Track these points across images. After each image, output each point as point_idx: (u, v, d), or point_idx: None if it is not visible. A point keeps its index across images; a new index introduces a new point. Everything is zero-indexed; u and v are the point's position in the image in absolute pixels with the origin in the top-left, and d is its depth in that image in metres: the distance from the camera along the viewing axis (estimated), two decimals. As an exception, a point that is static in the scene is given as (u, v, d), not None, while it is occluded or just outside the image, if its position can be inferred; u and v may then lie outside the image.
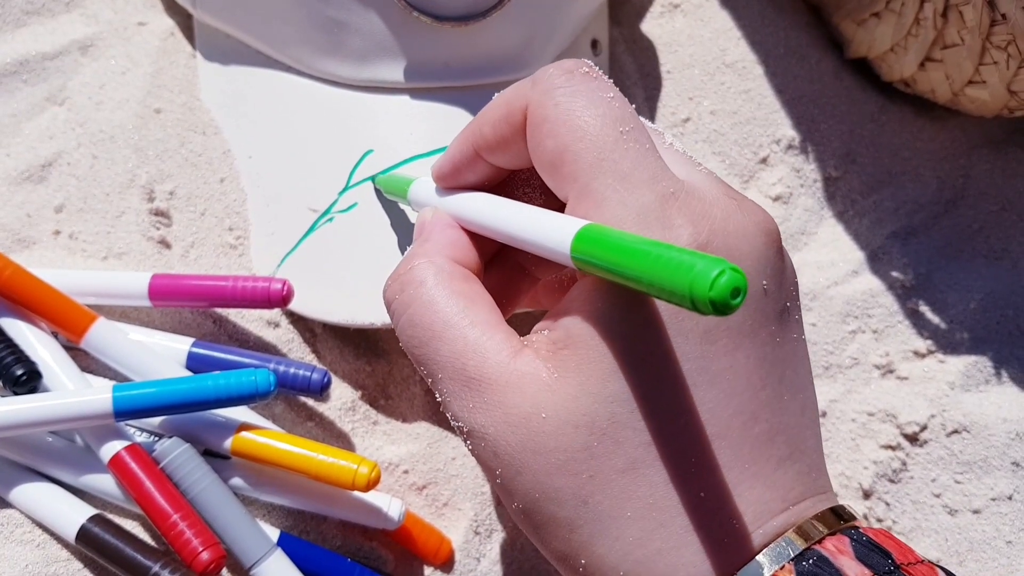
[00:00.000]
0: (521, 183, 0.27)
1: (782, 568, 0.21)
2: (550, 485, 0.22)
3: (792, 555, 0.21)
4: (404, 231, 0.34)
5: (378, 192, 0.34)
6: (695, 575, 0.21)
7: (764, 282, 0.22)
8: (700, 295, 0.16)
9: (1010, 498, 0.38)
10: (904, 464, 0.38)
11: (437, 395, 0.24)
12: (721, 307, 0.16)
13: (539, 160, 0.24)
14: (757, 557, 0.21)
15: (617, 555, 0.21)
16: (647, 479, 0.21)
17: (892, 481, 0.38)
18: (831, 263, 0.41)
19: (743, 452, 0.22)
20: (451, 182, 0.27)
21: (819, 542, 0.21)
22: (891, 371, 0.40)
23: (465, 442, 0.24)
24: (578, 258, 0.21)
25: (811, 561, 0.21)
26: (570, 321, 0.22)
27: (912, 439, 0.38)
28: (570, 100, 0.23)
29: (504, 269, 0.28)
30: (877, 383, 0.39)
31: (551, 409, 0.21)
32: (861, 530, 0.22)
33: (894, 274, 0.41)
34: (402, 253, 0.34)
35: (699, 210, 0.22)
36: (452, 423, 0.24)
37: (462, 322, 0.23)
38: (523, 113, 0.24)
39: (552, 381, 0.22)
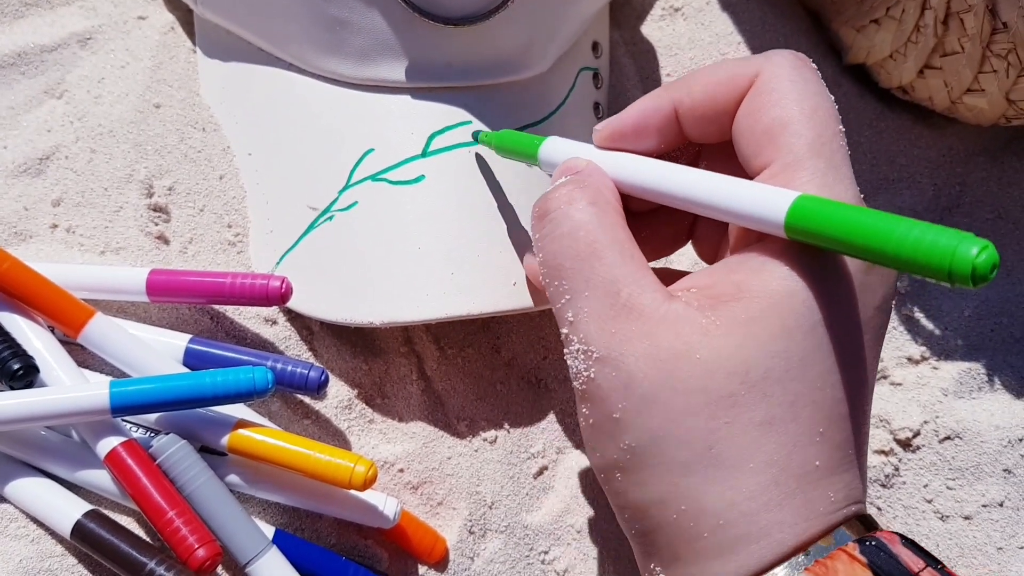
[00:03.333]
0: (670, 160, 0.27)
1: (847, 545, 0.22)
2: (682, 424, 0.22)
3: (856, 537, 0.22)
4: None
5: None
6: (788, 534, 0.22)
7: (895, 300, 0.24)
8: (961, 268, 0.18)
9: (1001, 504, 0.38)
10: (897, 469, 0.38)
11: (568, 314, 0.24)
12: (980, 279, 0.18)
13: (752, 126, 0.24)
14: (837, 532, 0.22)
15: (724, 503, 0.22)
16: (779, 437, 0.22)
17: (884, 486, 0.38)
18: (827, 268, 0.41)
19: (857, 435, 0.23)
20: (621, 142, 0.27)
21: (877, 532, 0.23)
22: (885, 377, 0.40)
23: (583, 370, 0.23)
24: (795, 225, 0.21)
25: (872, 544, 0.22)
26: (742, 278, 0.23)
27: (905, 445, 0.39)
28: (805, 82, 0.24)
29: None
30: (871, 388, 0.40)
31: (707, 352, 0.22)
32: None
33: (890, 280, 0.41)
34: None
35: None
36: (574, 346, 0.24)
37: (624, 252, 0.24)
38: (749, 80, 0.25)
39: (711, 327, 0.22)
